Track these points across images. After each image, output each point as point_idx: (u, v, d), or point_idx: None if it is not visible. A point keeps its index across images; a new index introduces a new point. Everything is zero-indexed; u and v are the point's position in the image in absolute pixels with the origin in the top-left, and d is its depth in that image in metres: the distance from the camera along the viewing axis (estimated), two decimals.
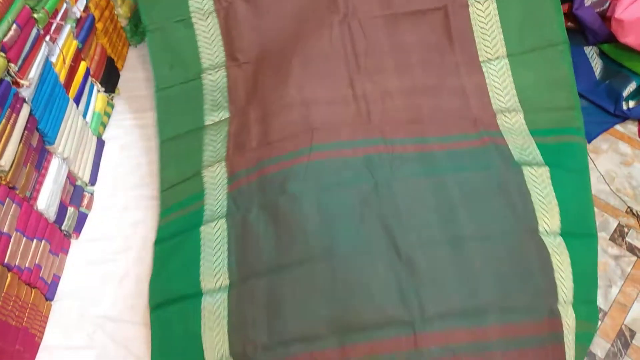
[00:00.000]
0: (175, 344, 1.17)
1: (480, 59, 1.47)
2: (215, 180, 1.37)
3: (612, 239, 1.41)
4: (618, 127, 1.69)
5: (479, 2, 1.49)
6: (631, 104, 1.70)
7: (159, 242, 1.37)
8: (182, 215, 1.36)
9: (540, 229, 1.17)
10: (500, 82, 1.46)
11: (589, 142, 1.64)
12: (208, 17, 1.54)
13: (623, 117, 1.69)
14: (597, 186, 1.53)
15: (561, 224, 1.18)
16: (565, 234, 1.18)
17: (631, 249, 1.40)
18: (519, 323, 1.02)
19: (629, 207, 1.48)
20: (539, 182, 1.24)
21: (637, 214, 1.47)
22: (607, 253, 1.39)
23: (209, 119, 1.53)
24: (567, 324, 1.06)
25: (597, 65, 1.81)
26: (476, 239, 1.11)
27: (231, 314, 1.11)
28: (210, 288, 1.19)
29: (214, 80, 1.54)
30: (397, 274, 1.06)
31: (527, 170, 1.25)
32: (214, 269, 1.20)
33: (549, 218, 1.18)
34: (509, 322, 1.02)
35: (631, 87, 1.69)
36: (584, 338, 1.13)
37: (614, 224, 1.45)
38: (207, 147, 1.46)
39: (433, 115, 1.38)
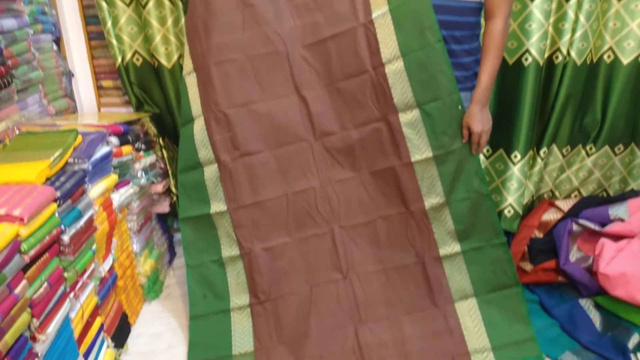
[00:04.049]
0: None
1: (454, 298, 1.74)
2: None
3: None
4: None
5: (450, 256, 1.75)
6: None
7: None
8: None
9: None
10: (471, 321, 1.71)
11: None
12: (235, 260, 1.84)
13: None
14: None
15: None
16: None
17: None
18: None
19: None
20: None
21: None
22: None
23: (237, 351, 1.78)
24: None
25: (595, 317, 1.85)
26: None
27: None
28: None
29: (241, 319, 1.82)
30: None
31: None
32: None
33: None
34: None
35: (635, 339, 1.70)
36: None
37: None
38: None
39: (421, 356, 1.70)
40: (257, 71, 1.73)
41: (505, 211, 2.21)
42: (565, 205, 2.14)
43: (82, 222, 1.52)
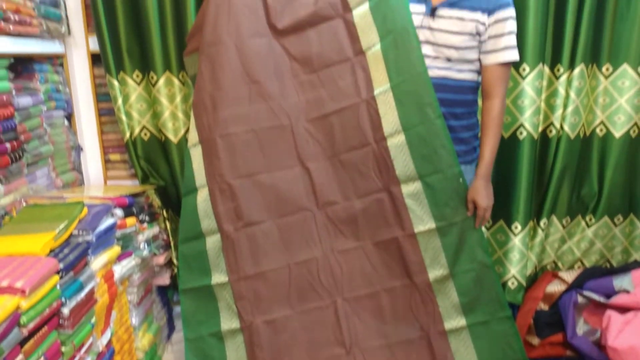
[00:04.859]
0: None
1: None
2: None
3: None
4: None
5: (455, 330, 1.72)
6: None
7: None
8: None
9: None
10: None
11: None
12: (235, 333, 1.80)
13: None
14: None
15: None
16: None
17: None
18: None
19: None
20: None
21: None
22: None
23: None
24: None
25: None
26: None
27: None
28: None
29: None
30: None
31: None
32: None
33: None
34: None
35: None
36: None
37: None
38: None
39: None
40: (262, 144, 1.79)
41: (509, 283, 2.20)
42: (569, 276, 2.12)
43: (82, 294, 1.51)
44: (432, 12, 1.65)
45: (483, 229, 2.21)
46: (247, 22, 1.77)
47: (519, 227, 2.15)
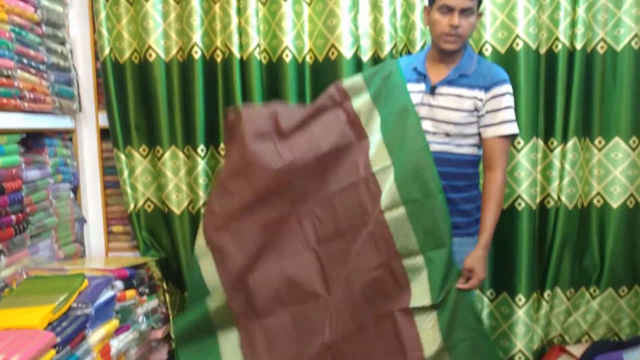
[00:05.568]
0: None
1: None
2: None
3: None
4: None
5: None
6: None
7: None
8: None
9: None
10: None
11: None
12: None
13: None
14: None
15: None
16: None
17: None
18: None
19: None
20: None
21: None
22: None
23: None
24: None
25: None
26: None
27: None
28: None
29: None
30: None
31: None
32: None
33: None
34: None
35: None
36: None
37: None
38: None
39: None
40: (271, 237, 1.81)
41: (516, 358, 2.14)
42: (577, 350, 2.07)
43: None
44: (431, 90, 1.73)
45: (486, 300, 2.19)
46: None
47: (523, 299, 2.12)
